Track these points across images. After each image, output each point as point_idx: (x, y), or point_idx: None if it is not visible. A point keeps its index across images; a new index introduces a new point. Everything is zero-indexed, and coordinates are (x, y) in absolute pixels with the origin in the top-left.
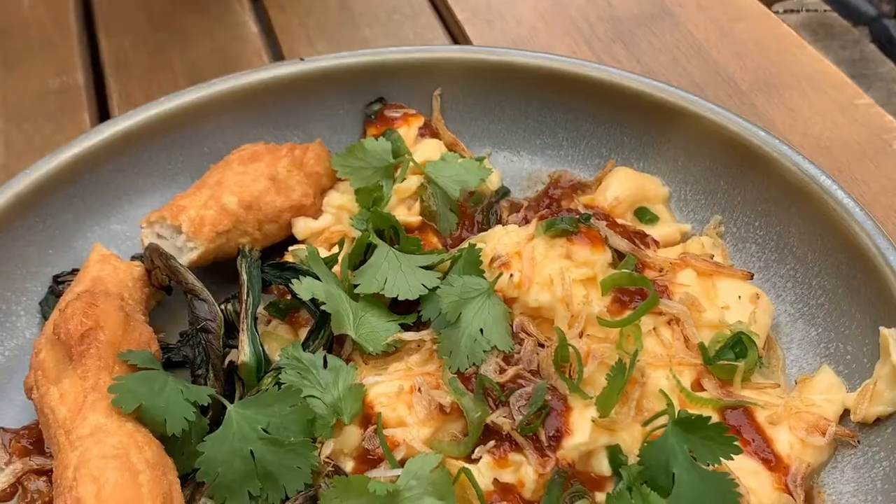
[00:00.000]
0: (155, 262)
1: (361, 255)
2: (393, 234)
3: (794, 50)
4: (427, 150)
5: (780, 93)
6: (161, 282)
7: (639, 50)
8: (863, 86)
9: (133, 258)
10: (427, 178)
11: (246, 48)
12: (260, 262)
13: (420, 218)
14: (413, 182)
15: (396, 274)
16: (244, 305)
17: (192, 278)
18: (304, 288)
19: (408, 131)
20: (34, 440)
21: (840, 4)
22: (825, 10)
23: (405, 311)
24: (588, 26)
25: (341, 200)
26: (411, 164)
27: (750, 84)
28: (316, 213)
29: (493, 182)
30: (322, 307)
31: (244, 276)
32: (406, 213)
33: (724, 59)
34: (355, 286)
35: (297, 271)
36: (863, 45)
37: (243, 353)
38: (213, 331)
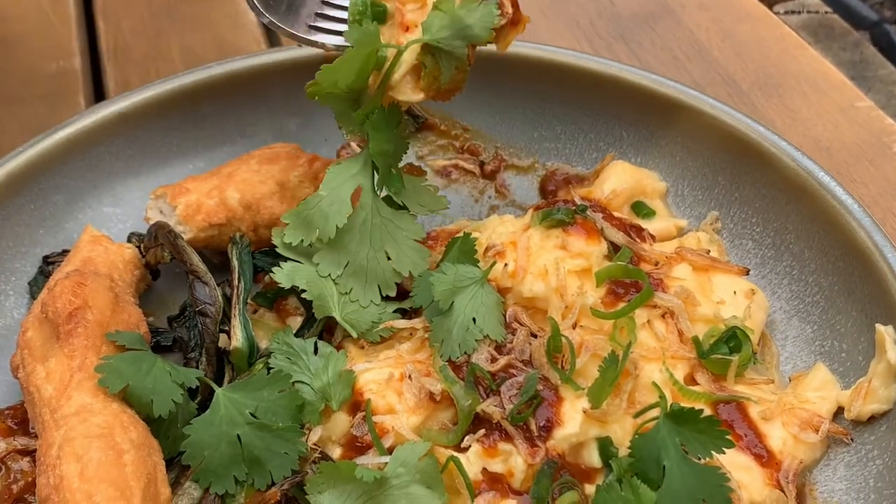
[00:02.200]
0: (159, 239)
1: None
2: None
3: (795, 51)
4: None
5: (780, 93)
6: (159, 259)
7: (640, 48)
8: (862, 88)
9: (132, 234)
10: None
11: (245, 36)
12: (251, 249)
13: (423, 95)
14: (410, 55)
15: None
16: (236, 291)
17: (196, 260)
18: (284, 275)
19: None
20: (18, 420)
21: (841, 8)
22: (826, 12)
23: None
24: (589, 23)
25: None
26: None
27: (750, 84)
28: None
29: None
30: (303, 295)
31: (235, 263)
32: (409, 92)
33: (725, 58)
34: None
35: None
36: (863, 47)
37: (235, 338)
38: (210, 315)
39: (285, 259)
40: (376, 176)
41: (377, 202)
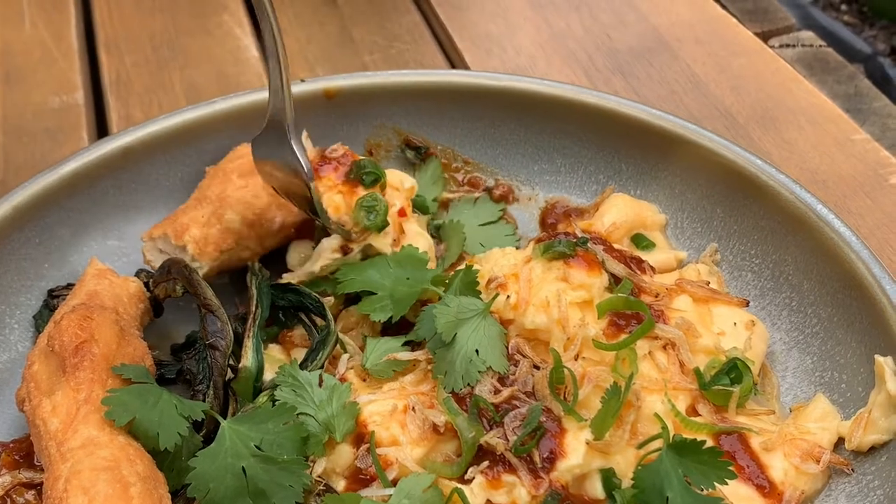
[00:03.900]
0: (172, 274)
1: None
2: None
3: (791, 84)
4: None
5: (776, 126)
6: (169, 293)
7: (637, 82)
8: (858, 120)
9: (140, 271)
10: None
11: (247, 71)
12: (269, 280)
13: None
14: None
15: None
16: (252, 315)
17: (210, 294)
18: None
19: None
20: (24, 453)
21: (835, 41)
22: (821, 46)
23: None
24: (587, 58)
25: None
26: None
27: (747, 118)
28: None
29: None
30: None
31: (253, 291)
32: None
33: (722, 92)
34: None
35: (298, 293)
36: (858, 80)
37: (246, 357)
38: (221, 348)
39: (296, 294)
40: None
41: None
